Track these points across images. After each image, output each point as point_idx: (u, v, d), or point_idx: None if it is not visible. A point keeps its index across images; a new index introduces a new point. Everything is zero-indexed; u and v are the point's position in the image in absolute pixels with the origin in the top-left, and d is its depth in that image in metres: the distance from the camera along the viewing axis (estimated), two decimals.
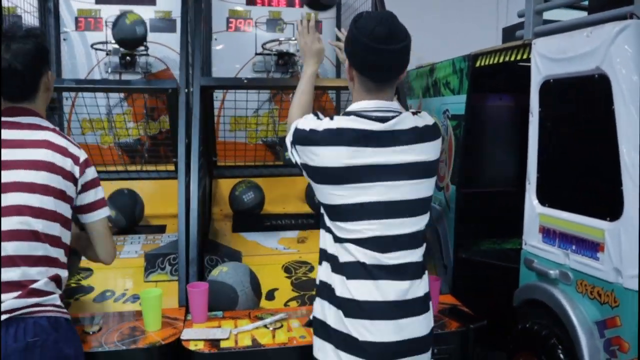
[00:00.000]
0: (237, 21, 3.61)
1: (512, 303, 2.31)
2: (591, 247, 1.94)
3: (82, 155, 1.61)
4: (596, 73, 1.90)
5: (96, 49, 3.32)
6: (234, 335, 1.76)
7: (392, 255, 1.40)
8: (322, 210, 1.47)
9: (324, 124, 1.41)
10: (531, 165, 2.26)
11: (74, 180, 1.56)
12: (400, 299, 1.39)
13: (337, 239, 1.41)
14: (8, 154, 1.48)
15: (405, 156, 1.40)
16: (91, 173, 1.63)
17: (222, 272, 1.98)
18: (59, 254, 1.52)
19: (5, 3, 3.22)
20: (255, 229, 2.83)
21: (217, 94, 3.56)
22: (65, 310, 1.52)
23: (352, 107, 1.45)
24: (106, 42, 3.20)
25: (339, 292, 1.39)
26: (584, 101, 2.02)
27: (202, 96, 2.36)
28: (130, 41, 2.99)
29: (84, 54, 3.40)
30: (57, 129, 1.62)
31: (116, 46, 3.13)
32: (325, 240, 1.46)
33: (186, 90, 2.37)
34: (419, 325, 1.42)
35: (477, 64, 2.68)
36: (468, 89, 2.74)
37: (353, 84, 1.46)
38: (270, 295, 2.26)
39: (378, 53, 1.33)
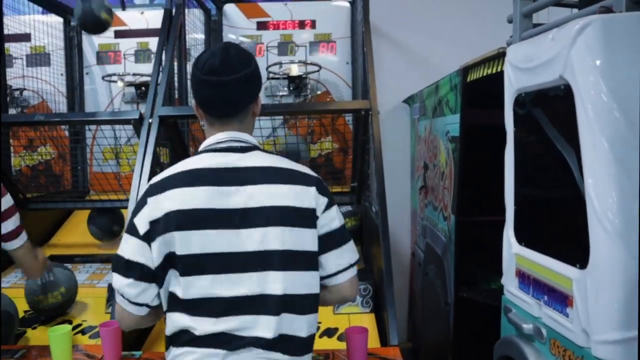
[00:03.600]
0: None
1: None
2: (561, 300, 1.56)
3: None
4: (561, 84, 1.54)
5: (108, 81, 3.46)
6: None
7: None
8: None
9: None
10: (508, 195, 1.91)
11: None
12: None
13: None
14: None
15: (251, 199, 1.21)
16: (4, 203, 1.63)
17: None
18: None
19: (35, 43, 3.50)
20: None
21: None
22: None
23: (200, 147, 1.32)
24: (114, 74, 3.32)
25: None
26: (552, 119, 1.66)
27: (164, 126, 2.31)
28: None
29: (104, 86, 3.57)
30: None
31: (126, 78, 3.23)
32: None
33: (150, 120, 2.34)
34: None
35: (469, 78, 2.36)
36: (461, 106, 2.42)
37: (203, 121, 1.33)
38: None
39: (211, 87, 1.23)
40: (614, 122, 1.40)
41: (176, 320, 1.20)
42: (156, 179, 1.25)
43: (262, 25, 3.58)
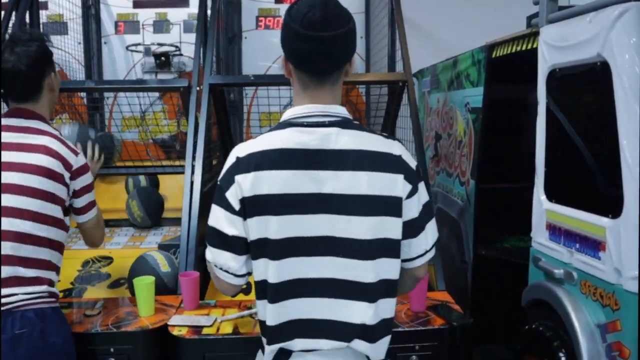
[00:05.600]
0: (267, 19, 3.69)
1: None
2: (594, 246, 1.83)
3: (77, 163, 1.68)
4: (598, 61, 1.78)
5: (131, 51, 3.52)
6: (219, 323, 1.83)
7: None
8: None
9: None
10: (539, 159, 2.16)
11: (65, 184, 1.66)
12: None
13: None
14: (4, 157, 1.59)
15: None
16: (83, 180, 1.72)
17: None
18: (46, 254, 1.62)
19: (53, 11, 3.51)
20: None
21: (248, 91, 3.68)
22: (52, 300, 1.62)
23: (285, 115, 1.25)
24: (139, 44, 3.39)
25: None
26: (587, 91, 1.91)
27: (212, 94, 2.44)
28: None
29: (122, 56, 3.62)
30: (56, 133, 1.70)
31: (150, 47, 3.31)
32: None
33: (198, 88, 2.47)
34: None
35: (494, 54, 2.58)
36: (485, 80, 2.64)
37: (292, 80, 1.25)
38: None
39: (310, 41, 1.14)
40: None
41: (263, 308, 1.21)
42: (243, 151, 1.20)
43: None
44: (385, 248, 1.20)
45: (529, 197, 2.40)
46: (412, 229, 1.24)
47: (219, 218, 1.21)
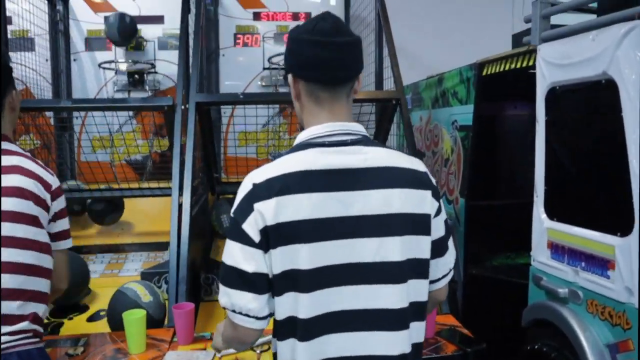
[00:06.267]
0: (245, 37, 3.61)
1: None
2: (601, 264, 1.80)
3: (54, 183, 1.53)
4: (603, 78, 1.78)
5: (104, 68, 3.36)
6: (218, 358, 1.70)
7: None
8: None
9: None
10: (538, 177, 2.14)
11: (46, 207, 1.50)
12: None
13: None
14: None
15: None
16: (61, 202, 1.55)
17: None
18: (35, 284, 1.46)
19: (17, 26, 3.31)
20: None
21: (226, 110, 3.56)
22: (37, 340, 1.46)
23: (301, 136, 1.16)
24: (113, 61, 3.23)
25: None
26: (591, 108, 1.91)
27: (198, 113, 2.33)
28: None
29: (93, 73, 3.45)
30: (28, 154, 1.54)
31: (123, 65, 3.16)
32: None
33: (182, 107, 2.35)
34: None
35: (484, 72, 2.58)
36: (475, 98, 2.63)
37: (300, 104, 1.17)
38: None
39: (324, 47, 1.09)
40: None
41: (292, 349, 1.08)
42: (259, 177, 1.09)
43: (257, 16, 3.62)
44: (415, 268, 1.13)
45: (517, 214, 2.39)
46: (440, 247, 1.19)
47: (236, 255, 1.07)
